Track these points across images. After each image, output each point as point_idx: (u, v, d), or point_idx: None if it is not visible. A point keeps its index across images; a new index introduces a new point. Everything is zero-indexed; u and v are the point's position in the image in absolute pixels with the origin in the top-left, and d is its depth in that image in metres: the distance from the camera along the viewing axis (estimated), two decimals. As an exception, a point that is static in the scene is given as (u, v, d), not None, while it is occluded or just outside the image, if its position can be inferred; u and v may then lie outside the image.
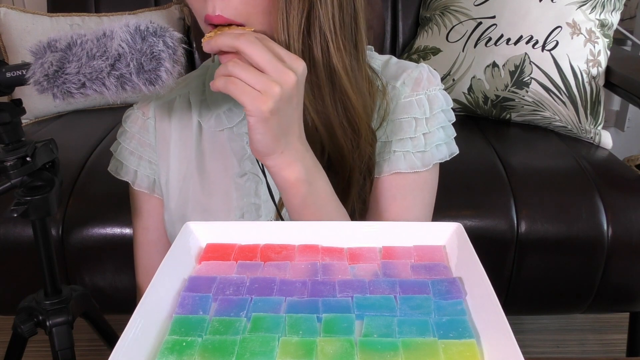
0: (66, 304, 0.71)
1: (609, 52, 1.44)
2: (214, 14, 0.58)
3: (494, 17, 1.47)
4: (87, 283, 1.18)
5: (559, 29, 1.40)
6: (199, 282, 0.47)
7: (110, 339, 0.81)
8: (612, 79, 1.44)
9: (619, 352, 1.52)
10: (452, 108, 0.74)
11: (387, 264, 0.49)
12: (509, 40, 1.44)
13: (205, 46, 0.58)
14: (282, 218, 0.69)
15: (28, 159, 0.61)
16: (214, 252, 0.52)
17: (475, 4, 1.51)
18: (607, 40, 1.44)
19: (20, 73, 0.56)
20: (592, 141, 1.40)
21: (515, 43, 1.43)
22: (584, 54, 1.40)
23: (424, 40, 1.60)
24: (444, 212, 0.76)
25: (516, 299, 1.22)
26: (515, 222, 1.15)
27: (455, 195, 1.17)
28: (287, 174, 0.60)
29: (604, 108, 1.43)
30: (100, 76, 0.53)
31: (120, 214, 1.14)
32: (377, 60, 0.75)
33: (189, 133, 0.75)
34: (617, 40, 1.80)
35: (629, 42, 1.93)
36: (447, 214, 1.14)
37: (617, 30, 1.57)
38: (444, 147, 0.72)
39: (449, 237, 0.52)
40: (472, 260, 0.46)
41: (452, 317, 0.42)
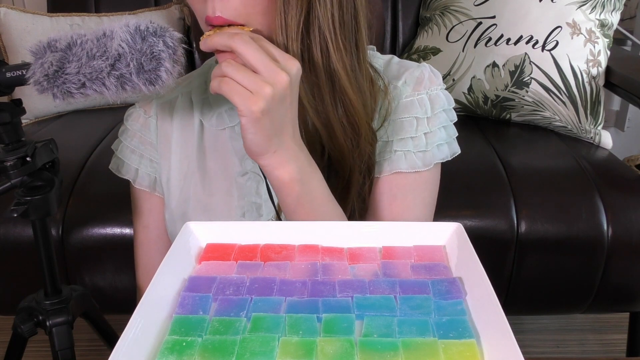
0: (66, 304, 0.71)
1: (609, 52, 1.44)
2: (214, 15, 0.58)
3: (494, 17, 1.47)
4: (87, 283, 1.18)
5: (559, 29, 1.40)
6: (199, 282, 0.47)
7: (110, 339, 0.81)
8: (612, 79, 1.43)
9: (619, 352, 1.52)
10: (453, 108, 0.74)
11: (387, 264, 0.49)
12: (509, 40, 1.44)
13: (202, 45, 0.59)
14: (281, 218, 0.69)
15: (28, 159, 0.61)
16: (214, 252, 0.52)
17: (475, 4, 1.51)
18: (607, 40, 1.44)
19: (20, 73, 0.56)
20: (592, 141, 1.40)
21: (515, 43, 1.43)
22: (584, 54, 1.40)
23: (424, 40, 1.60)
24: (444, 212, 0.76)
25: (516, 299, 1.22)
26: (515, 222, 1.15)
27: (455, 195, 1.17)
28: (281, 173, 0.60)
29: (604, 108, 1.43)
30: (100, 76, 0.53)
31: (120, 214, 1.14)
32: (379, 60, 0.75)
33: (190, 132, 0.75)
34: (617, 40, 1.80)
35: (629, 42, 1.93)
36: (447, 214, 1.14)
37: (617, 30, 1.57)
38: (446, 147, 0.72)
39: (449, 237, 0.52)
40: (472, 260, 0.46)
41: (452, 317, 0.42)
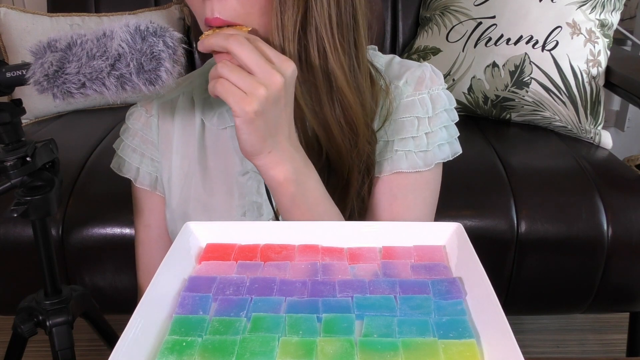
0: (66, 304, 0.71)
1: (609, 52, 1.44)
2: (212, 16, 0.58)
3: (494, 17, 1.47)
4: (87, 283, 1.18)
5: (559, 29, 1.40)
6: (199, 282, 0.47)
7: (110, 339, 0.81)
8: (612, 79, 1.43)
9: (619, 352, 1.52)
10: (454, 108, 0.74)
11: (387, 264, 0.49)
12: (509, 40, 1.44)
13: (200, 46, 0.59)
14: (279, 219, 0.69)
15: (28, 159, 0.61)
16: (214, 252, 0.52)
17: (475, 4, 1.51)
18: (607, 40, 1.44)
19: (20, 73, 0.55)
20: (592, 141, 1.40)
21: (515, 43, 1.43)
22: (584, 54, 1.40)
23: (424, 40, 1.60)
24: (444, 212, 0.76)
25: (516, 299, 1.22)
26: (515, 222, 1.15)
27: (455, 195, 1.17)
28: (275, 173, 0.60)
29: (604, 108, 1.43)
30: (100, 76, 0.53)
31: (120, 214, 1.14)
32: (381, 60, 0.74)
33: (191, 131, 0.75)
34: (617, 40, 1.80)
35: (629, 42, 1.93)
36: (447, 214, 1.14)
37: (617, 30, 1.57)
38: (447, 147, 0.71)
39: (449, 237, 0.52)
40: (472, 260, 0.46)
41: (452, 317, 0.42)
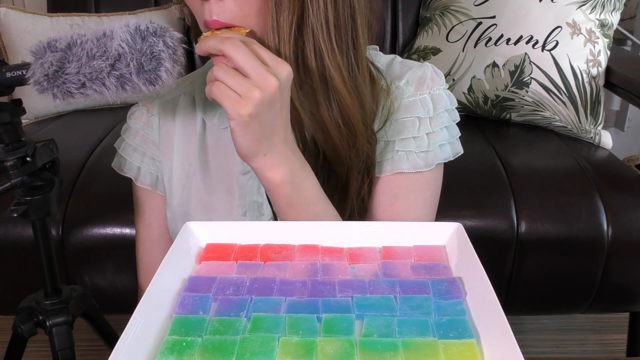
0: (66, 304, 0.71)
1: (609, 52, 1.44)
2: (211, 18, 0.59)
3: (494, 17, 1.47)
4: (87, 283, 1.18)
5: (559, 29, 1.40)
6: (199, 282, 0.47)
7: (110, 339, 0.81)
8: (612, 79, 1.43)
9: (619, 352, 1.52)
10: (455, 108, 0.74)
11: (387, 264, 0.49)
12: (509, 40, 1.44)
13: (197, 49, 0.59)
14: (277, 219, 0.69)
15: (28, 159, 0.61)
16: (214, 252, 0.52)
17: (475, 4, 1.51)
18: (607, 40, 1.44)
19: (20, 73, 0.56)
20: (592, 141, 1.40)
21: (515, 43, 1.43)
22: (584, 54, 1.40)
23: (424, 40, 1.60)
24: (444, 212, 0.76)
25: (516, 299, 1.22)
26: (515, 222, 1.15)
27: (455, 195, 1.17)
28: (271, 175, 0.60)
29: (604, 108, 1.43)
30: (100, 76, 0.53)
31: (120, 214, 1.14)
32: (382, 59, 0.74)
33: (192, 130, 0.75)
34: (617, 40, 1.80)
35: (629, 42, 1.93)
36: (447, 214, 1.14)
37: (617, 30, 1.57)
38: (448, 147, 0.71)
39: (449, 237, 0.52)
40: (472, 260, 0.46)
41: (452, 317, 0.42)
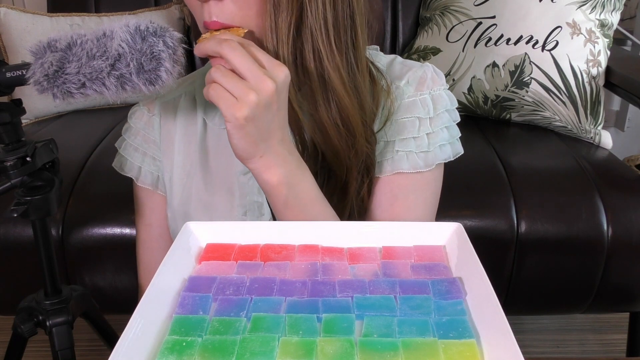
0: (66, 304, 0.71)
1: (609, 52, 1.44)
2: (210, 20, 0.59)
3: (494, 17, 1.47)
4: (87, 283, 1.18)
5: (559, 29, 1.40)
6: (199, 282, 0.47)
7: (110, 339, 0.81)
8: (612, 79, 1.43)
9: (619, 352, 1.52)
10: (455, 108, 0.74)
11: (387, 264, 0.49)
12: (509, 40, 1.44)
13: (196, 50, 0.59)
14: (276, 219, 0.69)
15: (28, 159, 0.61)
16: (214, 252, 0.52)
17: (475, 4, 1.51)
18: (607, 40, 1.44)
19: (20, 73, 0.56)
20: (592, 141, 1.40)
21: (515, 43, 1.43)
22: (584, 54, 1.40)
23: (424, 40, 1.60)
24: (444, 212, 0.76)
25: (516, 299, 1.22)
26: (515, 222, 1.15)
27: (455, 195, 1.17)
28: (268, 177, 0.60)
29: (604, 108, 1.43)
30: (100, 76, 0.53)
31: (120, 214, 1.14)
32: (382, 59, 0.74)
33: (193, 130, 0.75)
34: (617, 40, 1.80)
35: (629, 42, 1.93)
36: (447, 214, 1.14)
37: (617, 30, 1.57)
38: (448, 147, 0.71)
39: (449, 237, 0.52)
40: (472, 260, 0.46)
41: (452, 317, 0.42)
